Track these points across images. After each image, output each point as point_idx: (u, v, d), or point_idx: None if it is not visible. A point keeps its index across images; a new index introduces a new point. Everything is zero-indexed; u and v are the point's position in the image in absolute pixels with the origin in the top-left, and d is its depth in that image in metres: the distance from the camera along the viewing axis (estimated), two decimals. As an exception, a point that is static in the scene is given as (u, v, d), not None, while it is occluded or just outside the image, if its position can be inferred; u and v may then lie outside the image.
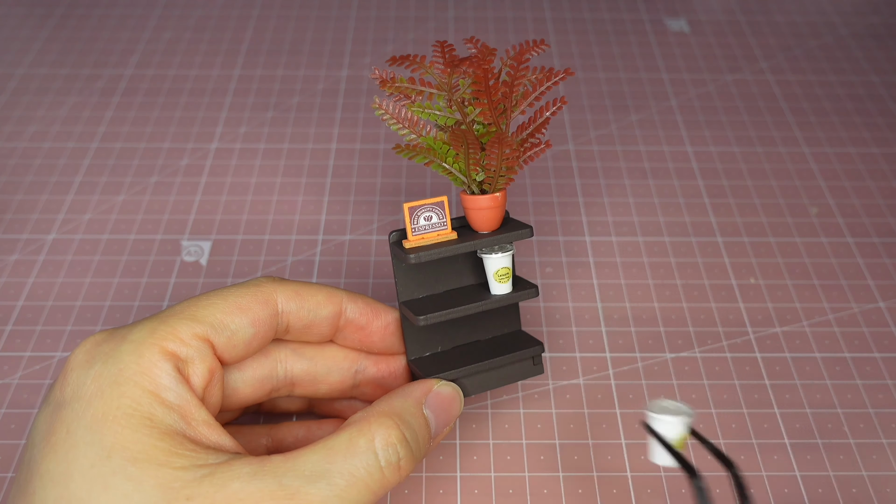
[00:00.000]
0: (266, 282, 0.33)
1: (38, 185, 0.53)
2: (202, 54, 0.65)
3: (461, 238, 0.35)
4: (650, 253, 0.49)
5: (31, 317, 0.44)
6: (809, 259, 0.48)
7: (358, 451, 0.29)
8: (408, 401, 0.32)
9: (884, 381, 0.42)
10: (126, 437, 0.27)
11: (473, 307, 0.35)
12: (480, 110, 0.34)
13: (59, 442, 0.28)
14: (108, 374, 0.29)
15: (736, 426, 0.40)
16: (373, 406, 0.32)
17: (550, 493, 0.37)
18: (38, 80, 0.62)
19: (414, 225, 0.34)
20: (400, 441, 0.30)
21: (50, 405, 0.29)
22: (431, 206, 0.34)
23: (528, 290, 0.36)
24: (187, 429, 0.29)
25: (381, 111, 0.35)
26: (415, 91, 0.34)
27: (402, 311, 0.35)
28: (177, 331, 0.30)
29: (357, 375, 0.36)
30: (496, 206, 0.34)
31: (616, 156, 0.56)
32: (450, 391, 0.34)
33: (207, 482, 0.27)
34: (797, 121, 0.59)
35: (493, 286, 0.36)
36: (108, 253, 0.48)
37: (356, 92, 0.61)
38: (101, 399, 0.28)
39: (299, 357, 0.35)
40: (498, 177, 0.34)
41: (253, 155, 0.55)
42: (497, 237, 0.34)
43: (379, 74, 0.35)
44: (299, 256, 0.48)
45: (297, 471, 0.28)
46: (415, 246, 0.34)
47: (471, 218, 0.35)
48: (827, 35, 0.69)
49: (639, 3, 0.72)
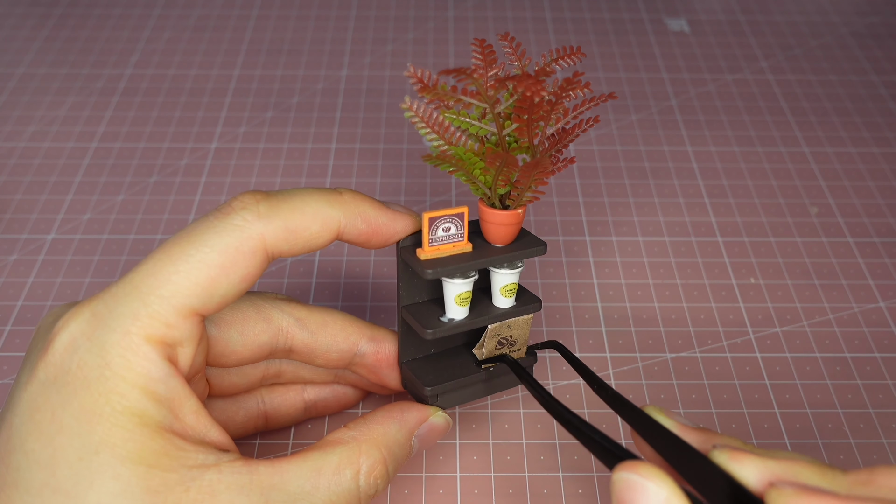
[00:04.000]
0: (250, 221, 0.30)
1: (38, 184, 0.53)
2: (202, 54, 0.65)
3: (476, 252, 0.33)
4: (650, 253, 0.48)
5: (30, 317, 0.44)
6: (809, 259, 0.48)
7: (343, 479, 0.30)
8: (402, 431, 0.33)
9: (884, 381, 0.42)
10: (115, 435, 0.27)
11: (480, 321, 0.34)
12: (518, 126, 0.32)
13: (45, 422, 0.27)
14: (94, 364, 0.27)
15: (736, 426, 0.40)
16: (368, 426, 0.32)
17: (550, 493, 0.37)
18: (38, 80, 0.62)
19: (432, 236, 0.33)
20: (382, 476, 0.31)
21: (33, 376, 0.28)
22: (451, 218, 0.33)
23: (532, 304, 0.35)
24: (175, 422, 0.28)
25: (412, 113, 0.32)
26: (454, 99, 0.32)
27: (405, 316, 0.35)
28: (164, 316, 0.28)
29: (355, 358, 0.36)
30: (515, 222, 0.33)
31: (616, 156, 0.56)
32: (443, 423, 0.35)
33: (195, 489, 0.27)
34: (797, 120, 0.59)
35: (496, 298, 0.35)
36: (108, 253, 0.48)
37: (356, 92, 0.61)
38: (88, 392, 0.27)
39: (301, 329, 0.34)
40: (523, 194, 0.33)
41: (253, 155, 0.55)
42: (511, 254, 0.34)
43: (416, 74, 0.32)
44: (299, 256, 0.48)
45: (282, 488, 0.29)
46: (431, 258, 0.33)
47: (486, 230, 0.34)
48: (827, 35, 0.69)
49: (639, 3, 0.72)
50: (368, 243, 0.33)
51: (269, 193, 0.31)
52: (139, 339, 0.28)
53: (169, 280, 0.28)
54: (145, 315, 0.28)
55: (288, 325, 0.34)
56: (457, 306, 0.34)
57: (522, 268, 0.35)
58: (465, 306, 0.34)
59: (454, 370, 0.35)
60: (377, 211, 0.32)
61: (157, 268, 0.29)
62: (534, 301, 0.35)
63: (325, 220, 0.31)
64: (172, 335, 0.28)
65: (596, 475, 0.37)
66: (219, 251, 0.29)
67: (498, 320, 0.34)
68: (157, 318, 0.28)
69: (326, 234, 0.31)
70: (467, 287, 0.34)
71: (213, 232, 0.29)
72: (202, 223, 0.30)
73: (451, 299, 0.34)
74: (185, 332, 0.29)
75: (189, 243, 0.29)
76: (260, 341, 0.33)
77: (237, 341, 0.33)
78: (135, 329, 0.28)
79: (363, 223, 0.32)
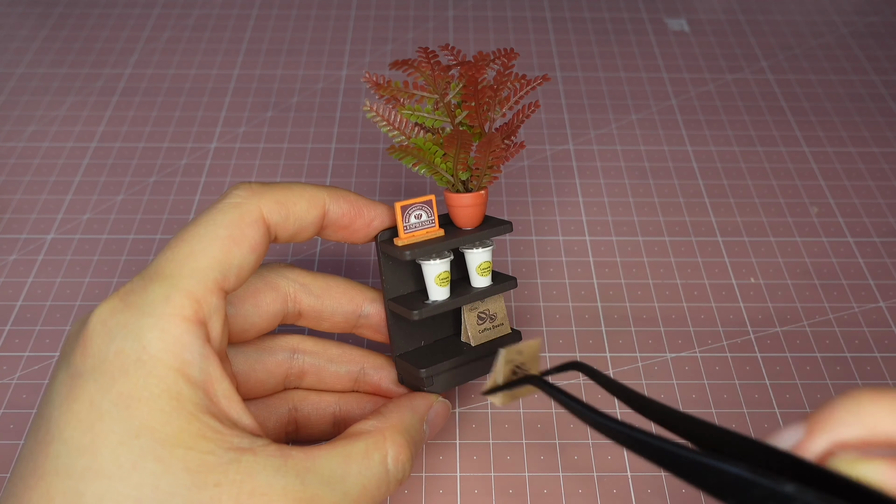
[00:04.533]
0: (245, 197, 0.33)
1: (37, 184, 0.53)
2: (201, 54, 0.65)
3: (448, 235, 0.36)
4: (650, 253, 0.48)
5: (30, 317, 0.44)
6: (809, 259, 0.48)
7: (372, 463, 0.31)
8: (416, 417, 0.35)
9: (884, 381, 0.42)
10: (154, 419, 0.28)
11: (460, 300, 0.37)
12: (468, 112, 0.36)
13: (83, 411, 0.28)
14: (132, 350, 0.28)
15: (736, 426, 0.40)
16: (386, 416, 0.34)
17: (550, 493, 0.37)
18: (37, 80, 0.62)
19: (406, 223, 0.35)
20: (408, 460, 0.33)
21: (69, 369, 0.29)
22: (421, 205, 0.35)
23: (507, 281, 0.38)
24: (211, 405, 0.29)
25: (372, 114, 0.36)
26: (406, 94, 0.36)
27: (391, 308, 0.37)
28: (193, 292, 0.30)
29: (360, 320, 0.38)
30: (480, 203, 0.36)
31: (616, 156, 0.56)
32: (445, 408, 0.37)
33: (234, 469, 0.28)
34: (797, 120, 0.59)
35: (474, 279, 0.37)
36: (108, 253, 0.48)
37: (356, 92, 0.61)
38: (126, 378, 0.28)
39: (307, 293, 0.36)
40: (483, 175, 0.36)
41: (252, 154, 0.55)
42: (480, 233, 0.37)
43: (370, 78, 0.36)
44: (299, 256, 0.48)
45: (316, 471, 0.30)
46: (407, 244, 0.35)
47: (454, 215, 0.37)
48: (827, 34, 0.69)
49: (639, 3, 0.72)
50: (352, 226, 0.36)
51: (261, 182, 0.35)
52: (175, 320, 0.29)
53: (189, 260, 0.30)
54: (176, 295, 0.29)
55: (295, 291, 0.36)
56: (437, 287, 0.36)
57: (493, 247, 0.37)
58: (444, 286, 0.36)
59: (445, 354, 0.37)
60: (357, 195, 0.36)
61: (175, 254, 0.31)
62: (508, 279, 0.38)
63: (312, 197, 0.34)
64: (203, 311, 0.30)
65: (596, 475, 0.37)
66: (225, 225, 0.31)
67: (476, 299, 0.37)
68: (187, 296, 0.29)
69: (314, 211, 0.34)
70: (444, 267, 0.36)
71: (216, 212, 0.32)
72: (205, 211, 0.32)
73: (431, 280, 0.36)
74: (213, 306, 0.30)
75: (198, 226, 0.32)
76: (273, 310, 0.36)
77: (253, 313, 0.35)
78: (168, 310, 0.29)
79: (345, 203, 0.35)
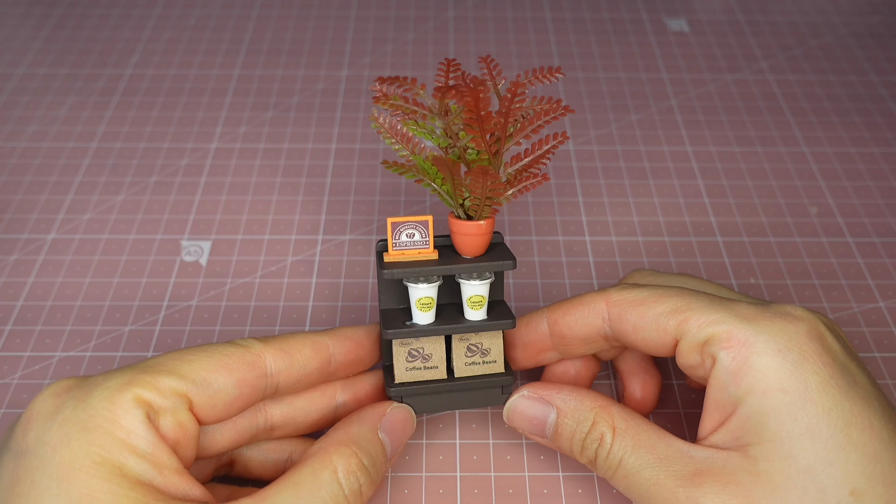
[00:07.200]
0: (253, 342, 0.33)
1: (38, 184, 0.53)
2: (202, 54, 0.65)
3: (441, 259, 0.34)
4: (650, 253, 0.48)
5: (30, 317, 0.44)
6: (809, 259, 0.48)
7: (323, 483, 0.30)
8: (364, 427, 0.33)
9: (884, 381, 0.42)
10: (95, 487, 0.27)
11: (443, 329, 0.35)
12: (472, 137, 0.33)
13: (24, 493, 0.27)
14: (77, 419, 0.28)
15: (736, 426, 0.40)
16: (330, 434, 0.33)
17: (550, 493, 0.37)
18: (38, 80, 0.62)
19: (395, 240, 0.34)
20: (360, 468, 0.31)
21: (10, 451, 0.28)
22: (415, 224, 0.34)
23: (504, 321, 0.35)
24: (157, 477, 0.28)
25: (378, 125, 0.34)
26: (409, 109, 0.34)
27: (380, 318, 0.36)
28: (155, 382, 0.29)
29: (337, 410, 0.36)
30: (480, 233, 0.34)
31: (616, 156, 0.56)
32: (403, 413, 0.35)
33: None
34: (797, 120, 0.59)
35: (466, 311, 0.35)
36: (108, 253, 0.48)
37: (356, 92, 0.61)
38: (68, 446, 0.27)
39: (277, 403, 0.35)
40: (483, 206, 0.33)
41: (252, 155, 0.55)
42: (476, 265, 0.34)
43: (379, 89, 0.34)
44: (299, 256, 0.48)
45: None
46: (393, 261, 0.34)
47: (455, 241, 0.35)
48: (827, 35, 0.69)
49: (639, 3, 0.72)
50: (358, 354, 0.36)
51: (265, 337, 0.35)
52: (126, 396, 0.29)
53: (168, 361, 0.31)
54: (139, 379, 0.29)
55: (265, 403, 0.35)
56: (419, 311, 0.35)
57: (492, 279, 0.35)
58: (426, 312, 0.35)
59: None
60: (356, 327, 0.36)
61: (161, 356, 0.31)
62: (507, 317, 0.35)
63: (316, 343, 0.34)
64: (159, 402, 0.29)
65: (595, 475, 0.37)
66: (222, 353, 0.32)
67: (465, 332, 0.35)
68: (149, 382, 0.29)
69: (319, 356, 0.34)
70: (429, 292, 0.34)
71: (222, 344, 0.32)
72: None
73: (413, 303, 0.35)
74: (171, 405, 0.30)
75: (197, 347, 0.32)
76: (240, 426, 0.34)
77: (214, 429, 0.34)
78: (125, 388, 0.29)
79: (349, 341, 0.35)
